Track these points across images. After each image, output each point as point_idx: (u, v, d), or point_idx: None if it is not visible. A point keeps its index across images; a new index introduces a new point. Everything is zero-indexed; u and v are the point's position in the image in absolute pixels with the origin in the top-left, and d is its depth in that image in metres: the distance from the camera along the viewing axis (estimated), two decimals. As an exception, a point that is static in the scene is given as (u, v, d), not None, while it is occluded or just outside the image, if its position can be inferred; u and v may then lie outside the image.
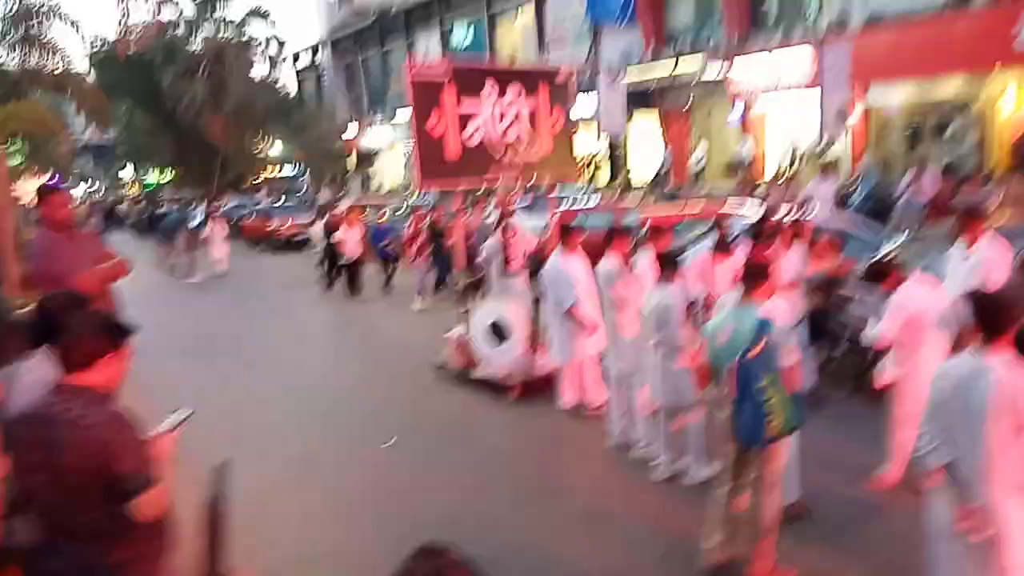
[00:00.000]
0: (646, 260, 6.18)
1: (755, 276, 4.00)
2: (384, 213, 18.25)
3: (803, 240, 6.96)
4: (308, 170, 36.81)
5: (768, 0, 20.05)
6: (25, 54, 15.02)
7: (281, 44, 36.01)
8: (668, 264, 5.27)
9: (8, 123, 15.18)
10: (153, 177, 46.70)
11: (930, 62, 15.09)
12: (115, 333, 2.51)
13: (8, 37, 14.00)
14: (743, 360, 3.74)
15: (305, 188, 36.67)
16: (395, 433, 6.41)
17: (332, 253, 14.00)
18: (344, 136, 35.83)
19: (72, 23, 15.30)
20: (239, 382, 8.52)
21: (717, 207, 10.81)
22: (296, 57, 42.13)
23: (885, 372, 4.90)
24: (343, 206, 22.80)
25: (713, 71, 19.81)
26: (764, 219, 7.52)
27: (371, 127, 35.82)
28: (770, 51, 18.41)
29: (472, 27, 30.97)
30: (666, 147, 21.70)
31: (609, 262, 6.08)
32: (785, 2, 19.79)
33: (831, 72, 14.55)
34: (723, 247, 6.64)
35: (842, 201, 12.93)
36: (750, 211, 10.14)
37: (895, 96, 17.04)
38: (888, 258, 5.20)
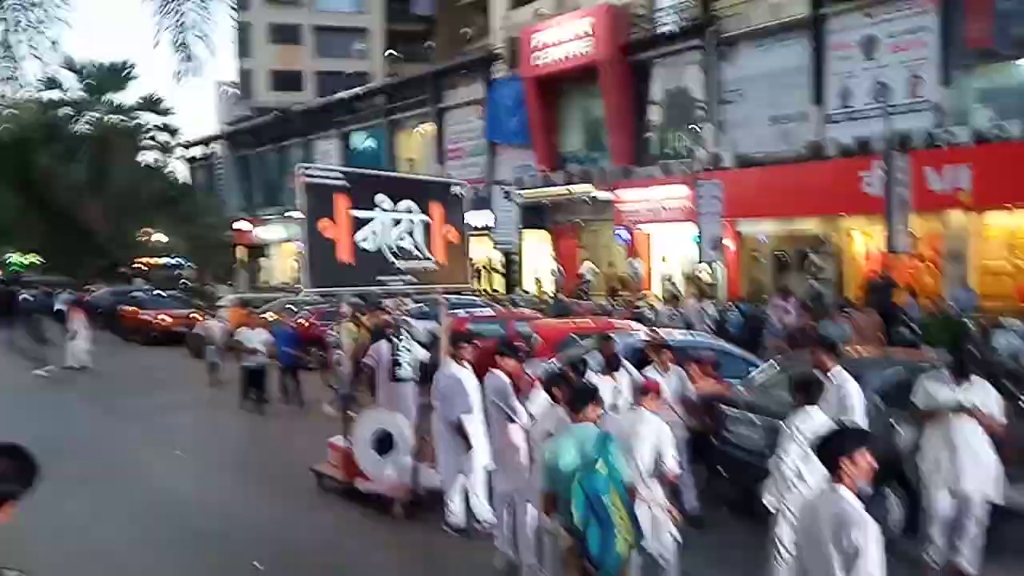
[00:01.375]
0: (535, 373, 6.24)
1: (582, 395, 4.26)
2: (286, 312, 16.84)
3: (681, 360, 7.26)
4: (193, 260, 35.32)
5: (649, 137, 21.83)
6: None
7: (173, 132, 35.28)
8: (556, 383, 5.32)
9: None
10: (17, 258, 43.31)
11: (791, 204, 16.80)
12: None
13: None
14: (587, 477, 3.81)
15: (182, 278, 35.02)
16: (267, 556, 5.89)
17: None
18: (234, 228, 34.92)
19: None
20: (84, 495, 7.62)
21: (607, 322, 11.13)
22: (188, 146, 41.31)
23: (768, 494, 4.95)
24: (228, 299, 21.92)
25: (601, 195, 21.09)
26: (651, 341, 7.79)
27: (263, 222, 35.19)
28: (648, 186, 19.89)
29: (372, 133, 31.68)
30: (556, 261, 22.54)
31: (497, 375, 6.07)
32: (664, 140, 21.63)
33: (705, 205, 15.83)
34: (610, 366, 6.80)
35: (719, 325, 13.73)
36: (638, 329, 10.54)
37: (763, 228, 18.70)
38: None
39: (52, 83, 28.35)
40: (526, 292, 22.61)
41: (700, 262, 16.86)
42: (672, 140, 21.42)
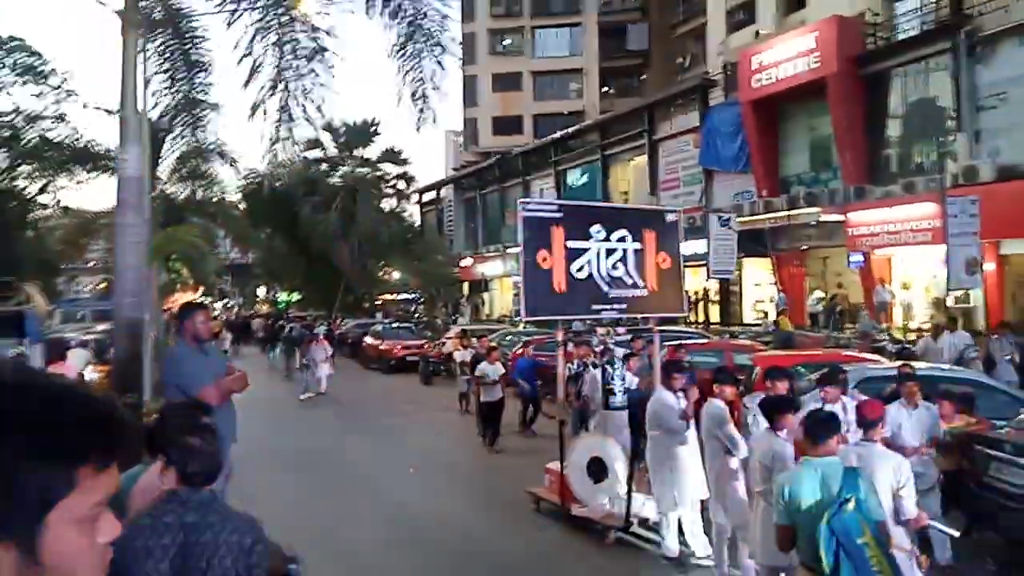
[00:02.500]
0: (755, 404, 5.93)
1: (824, 425, 3.89)
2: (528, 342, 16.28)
3: (932, 397, 6.47)
4: (424, 295, 38.50)
5: (887, 153, 19.91)
6: (189, 186, 17.15)
7: (409, 180, 39.02)
8: (778, 409, 5.02)
9: (167, 245, 17.02)
10: (283, 296, 50.26)
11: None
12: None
13: (180, 172, 16.14)
14: (836, 516, 3.47)
15: (415, 312, 38.21)
16: (484, 567, 6.20)
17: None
18: (460, 265, 37.55)
19: (231, 160, 17.46)
20: (333, 500, 8.60)
21: (838, 354, 10.29)
22: (421, 192, 45.34)
23: None
24: (453, 331, 23.56)
25: (828, 217, 19.57)
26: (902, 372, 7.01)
27: (485, 258, 37.39)
28: (887, 206, 18.06)
29: (586, 169, 32.43)
30: (780, 290, 21.23)
31: (715, 404, 5.87)
32: (905, 156, 19.58)
33: (957, 224, 14.00)
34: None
35: (987, 358, 11.98)
36: (876, 361, 9.60)
37: (1033, 248, 16.11)
38: None
39: (314, 143, 32.88)
40: (744, 324, 21.54)
41: (951, 288, 14.89)
42: (915, 155, 19.35)
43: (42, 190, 29.68)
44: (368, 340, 25.84)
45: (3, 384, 0.73)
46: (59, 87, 28.15)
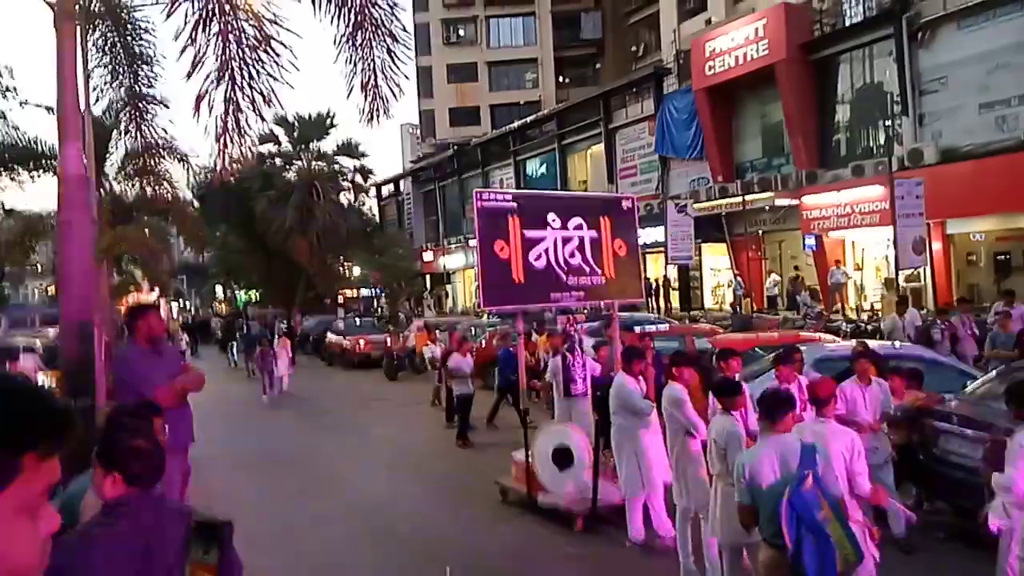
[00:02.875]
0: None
1: (779, 403, 3.98)
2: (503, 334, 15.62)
3: (883, 373, 6.65)
4: (385, 290, 38.19)
5: (836, 137, 20.37)
6: (138, 183, 16.66)
7: (367, 174, 38.54)
8: (731, 391, 5.11)
9: (117, 245, 16.55)
10: (241, 295, 49.34)
11: (1012, 198, 14.80)
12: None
13: (126, 169, 15.69)
14: (796, 492, 3.55)
15: (379, 307, 37.92)
16: (454, 561, 6.18)
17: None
18: (421, 258, 37.33)
19: (181, 157, 17.01)
20: (298, 499, 8.50)
21: (795, 335, 10.51)
22: (379, 185, 44.88)
23: (994, 515, 4.35)
24: (416, 324, 23.43)
25: (782, 202, 19.96)
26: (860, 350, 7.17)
27: (447, 251, 37.24)
28: (838, 190, 18.48)
29: (545, 159, 32.49)
30: (736, 275, 21.62)
31: (674, 387, 5.94)
32: (854, 140, 20.04)
33: (905, 206, 14.41)
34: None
35: (926, 335, 12.36)
36: (830, 341, 9.84)
37: (978, 227, 16.66)
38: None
39: (268, 136, 32.24)
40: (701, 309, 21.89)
41: (900, 268, 15.33)
42: (863, 139, 19.83)
43: (-18, 191, 28.56)
44: (330, 337, 25.54)
45: None
46: (-4, 84, 27.10)
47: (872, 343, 9.05)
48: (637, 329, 11.94)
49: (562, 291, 7.46)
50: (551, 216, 7.47)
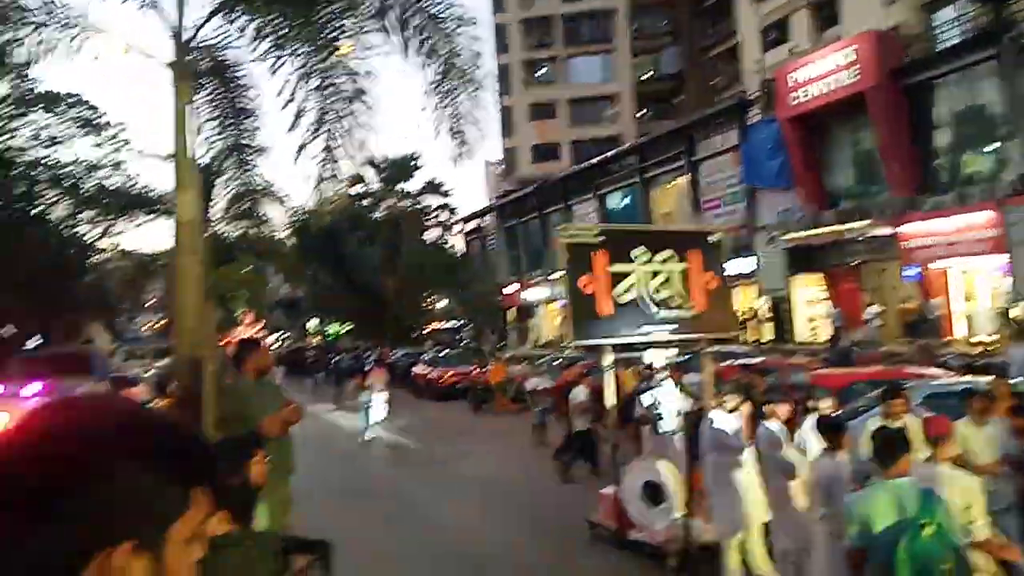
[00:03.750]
0: (811, 424, 5.81)
1: (893, 444, 3.74)
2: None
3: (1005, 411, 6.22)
4: (470, 323, 38.79)
5: (936, 163, 19.47)
6: (239, 226, 17.77)
7: (451, 211, 39.57)
8: (833, 429, 4.92)
9: (222, 283, 17.62)
10: (333, 328, 51.16)
11: None
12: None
13: (230, 212, 16.77)
14: (914, 541, 3.35)
15: (464, 340, 38.45)
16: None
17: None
18: (504, 292, 37.73)
19: (279, 199, 18.07)
20: (386, 530, 8.66)
21: (900, 370, 10.00)
22: (464, 221, 45.90)
23: None
24: (500, 357, 23.60)
25: (880, 231, 19.16)
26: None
27: (529, 284, 37.50)
28: (940, 217, 17.59)
29: (627, 193, 32.41)
30: (834, 306, 20.77)
31: (769, 425, 5.77)
32: (956, 164, 19.10)
33: (1018, 232, 13.57)
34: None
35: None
36: (940, 376, 9.30)
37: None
38: None
39: (358, 179, 33.70)
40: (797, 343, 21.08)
41: (1017, 299, 14.37)
42: (966, 164, 18.86)
43: (102, 235, 30.96)
44: (417, 369, 26.06)
45: (140, 419, 0.88)
46: (114, 137, 29.55)
47: (984, 379, 8.50)
48: (732, 362, 11.60)
49: (652, 324, 7.40)
50: (639, 249, 7.46)
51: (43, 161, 29.02)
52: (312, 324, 57.82)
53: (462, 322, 40.04)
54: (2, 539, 0.78)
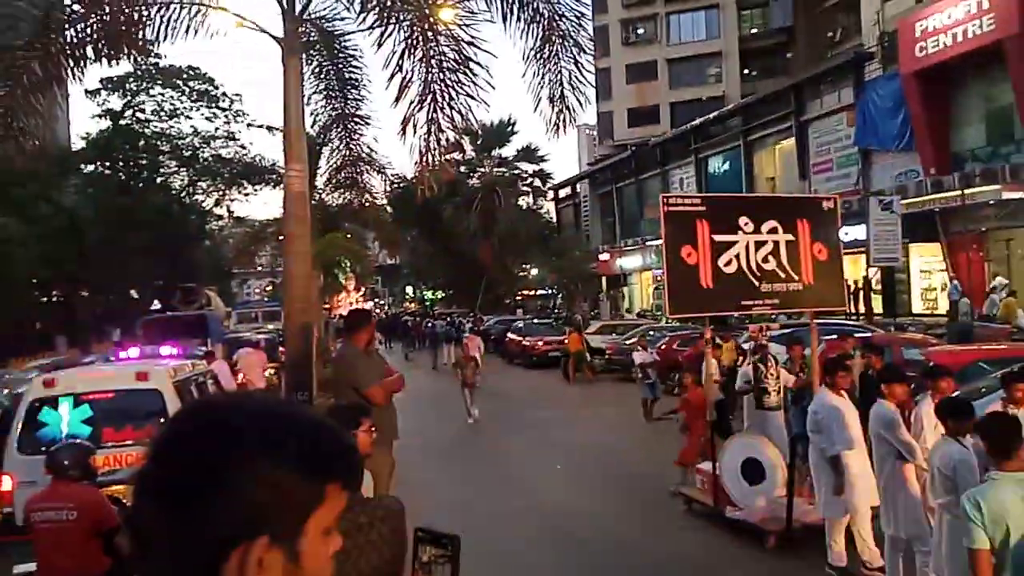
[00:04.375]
0: (927, 405, 5.46)
1: (1015, 432, 3.40)
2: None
3: None
4: (562, 291, 38.76)
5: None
6: (344, 195, 18.34)
7: (545, 177, 39.34)
8: (957, 412, 4.58)
9: (327, 250, 18.33)
10: (430, 294, 52.47)
11: None
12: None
13: (334, 181, 17.31)
14: None
15: (556, 308, 38.50)
16: (631, 571, 6.16)
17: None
18: (598, 259, 37.39)
19: (380, 169, 18.47)
20: (484, 493, 8.85)
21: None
22: (557, 188, 45.56)
23: None
24: (594, 326, 23.49)
25: (1012, 195, 17.58)
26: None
27: (623, 252, 36.97)
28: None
29: (728, 156, 31.17)
30: (952, 278, 19.35)
31: (883, 405, 5.45)
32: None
33: None
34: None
35: None
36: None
37: None
38: None
39: (456, 146, 34.02)
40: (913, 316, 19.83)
41: None
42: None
43: (217, 203, 32.82)
44: (511, 336, 26.37)
45: (279, 414, 0.91)
46: (228, 109, 31.07)
47: None
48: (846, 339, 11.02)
49: (755, 298, 7.13)
50: (743, 220, 7.15)
51: (166, 132, 30.92)
52: (409, 290, 59.48)
53: (554, 290, 40.04)
54: (148, 530, 0.82)
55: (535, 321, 29.10)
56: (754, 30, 42.13)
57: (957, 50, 19.01)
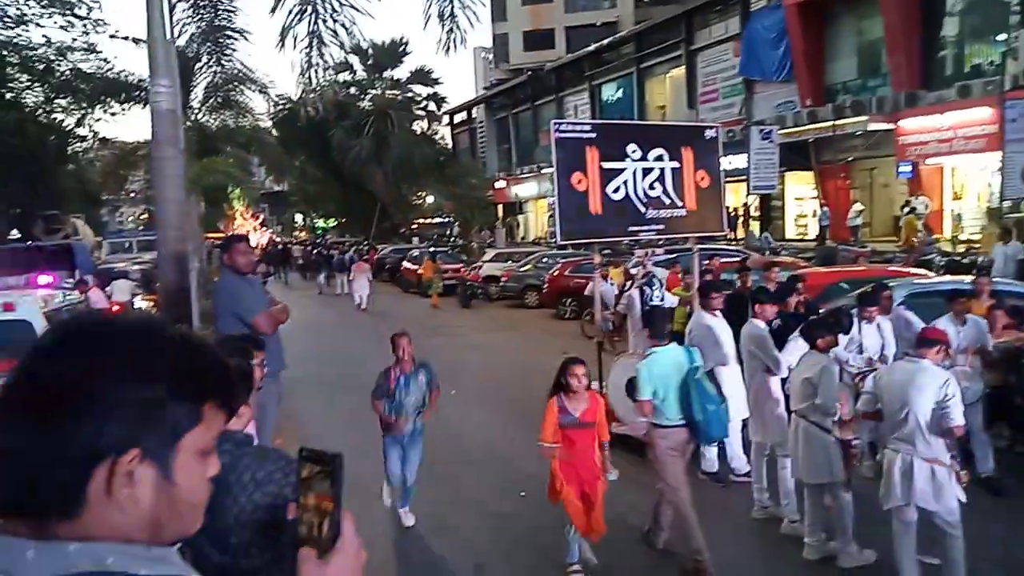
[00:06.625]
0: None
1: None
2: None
3: (982, 309, 6.33)
4: (458, 219, 38.53)
5: (941, 56, 18.82)
6: (221, 115, 17.17)
7: (440, 102, 38.31)
8: (820, 327, 4.97)
9: (203, 176, 17.23)
10: (321, 223, 50.79)
11: None
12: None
13: (209, 102, 16.15)
14: None
15: (450, 236, 38.31)
16: (528, 486, 6.42)
17: None
18: (494, 187, 37.26)
19: (261, 88, 17.37)
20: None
21: (884, 269, 10.07)
22: (452, 113, 44.58)
23: None
24: (490, 253, 23.64)
25: (877, 127, 18.76)
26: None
27: (519, 180, 37.01)
28: (939, 113, 17.16)
29: (621, 84, 31.43)
30: (822, 204, 20.68)
31: (756, 324, 5.83)
32: (962, 56, 18.47)
33: (1016, 130, 13.32)
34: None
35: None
36: (924, 276, 9.38)
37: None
38: None
39: (344, 65, 32.35)
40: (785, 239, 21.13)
41: (1006, 197, 14.33)
42: (972, 56, 18.26)
43: (79, 123, 29.91)
44: (406, 265, 26.11)
45: (153, 334, 0.90)
46: (86, 18, 27.98)
47: (966, 279, 8.58)
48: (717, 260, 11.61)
49: (641, 224, 7.34)
50: (631, 147, 7.27)
51: (12, 41, 27.54)
52: (298, 218, 57.34)
53: (451, 218, 39.74)
54: (13, 448, 0.82)
55: (431, 250, 28.89)
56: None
57: (835, -17, 19.74)
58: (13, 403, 0.84)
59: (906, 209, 17.34)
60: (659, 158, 7.39)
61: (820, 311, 6.68)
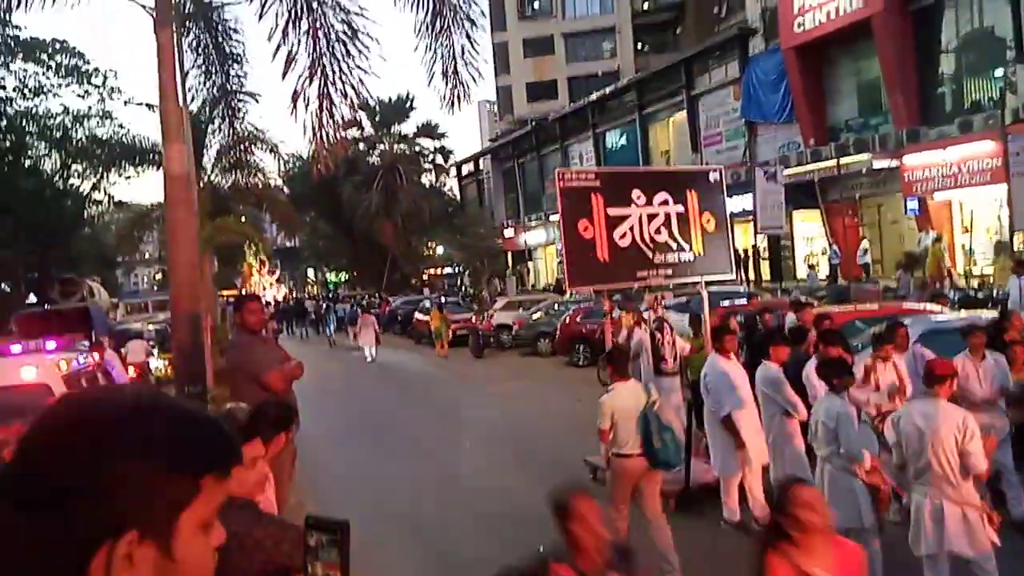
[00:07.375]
0: (811, 364, 5.82)
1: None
2: None
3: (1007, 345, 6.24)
4: (467, 268, 38.74)
5: (941, 91, 19.03)
6: (233, 175, 17.52)
7: (447, 154, 38.99)
8: (837, 369, 4.91)
9: (216, 236, 17.46)
10: (332, 276, 51.22)
11: None
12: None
13: (222, 162, 16.50)
14: None
15: (463, 286, 38.47)
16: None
17: None
18: (503, 236, 37.54)
19: (272, 148, 17.77)
20: (392, 466, 8.80)
21: (897, 307, 9.99)
22: (459, 165, 45.27)
23: None
24: (501, 302, 23.70)
25: (881, 163, 18.86)
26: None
27: (527, 228, 37.27)
28: (942, 148, 17.26)
29: (625, 131, 31.87)
30: (831, 243, 20.65)
31: (770, 367, 5.77)
32: (960, 92, 18.66)
33: (1020, 163, 13.35)
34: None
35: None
36: (942, 311, 9.30)
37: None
38: None
39: (352, 122, 33.08)
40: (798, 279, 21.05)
41: (1016, 229, 14.27)
42: (971, 91, 18.44)
43: (94, 187, 30.54)
44: (418, 316, 26.13)
45: (148, 410, 0.88)
46: (102, 86, 28.85)
47: (984, 312, 8.50)
48: (724, 303, 11.62)
49: (649, 269, 7.35)
50: (635, 193, 7.34)
51: (31, 112, 28.36)
52: (310, 273, 57.86)
53: (461, 267, 39.96)
54: (11, 533, 0.80)
55: (442, 300, 28.96)
56: (646, 5, 43.03)
57: (831, 26, 20.11)
58: (6, 487, 0.82)
59: (928, 239, 17.12)
60: (664, 203, 7.44)
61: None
